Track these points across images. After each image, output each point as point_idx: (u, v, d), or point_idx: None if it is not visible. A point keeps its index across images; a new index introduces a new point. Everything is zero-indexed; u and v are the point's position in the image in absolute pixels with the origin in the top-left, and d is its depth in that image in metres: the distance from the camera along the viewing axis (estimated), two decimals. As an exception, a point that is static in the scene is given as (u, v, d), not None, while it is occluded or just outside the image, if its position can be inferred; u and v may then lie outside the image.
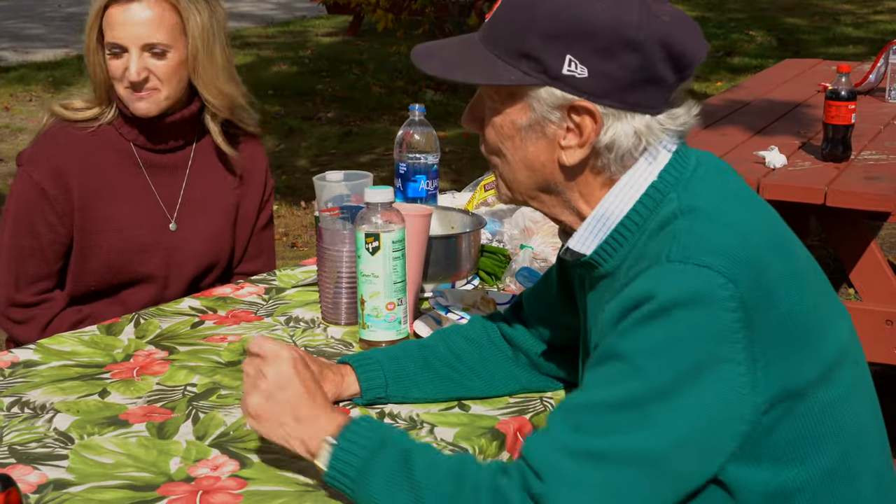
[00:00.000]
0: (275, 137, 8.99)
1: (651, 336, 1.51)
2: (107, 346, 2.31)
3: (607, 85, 1.59)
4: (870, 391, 1.69)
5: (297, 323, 2.43)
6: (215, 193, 2.89)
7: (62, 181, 2.72)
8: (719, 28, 14.43)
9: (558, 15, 1.59)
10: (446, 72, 1.69)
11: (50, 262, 2.77)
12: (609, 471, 1.50)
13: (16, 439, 1.90)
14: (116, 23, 2.64)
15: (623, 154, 1.64)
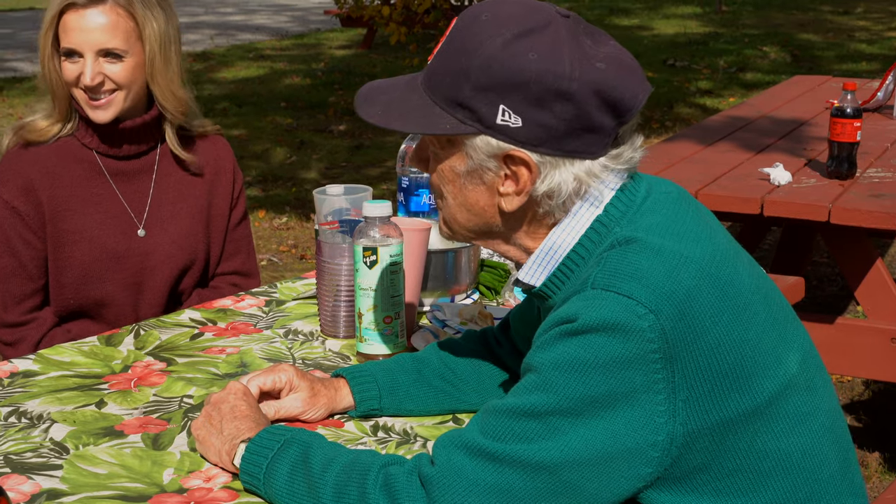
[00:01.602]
0: (286, 149, 9.02)
1: (565, 352, 1.54)
2: (106, 356, 2.32)
3: (542, 134, 1.61)
4: (829, 419, 1.68)
5: (296, 335, 2.44)
6: (184, 196, 2.89)
7: (31, 196, 2.73)
8: (732, 44, 14.44)
9: (490, 65, 1.60)
10: (385, 121, 1.69)
11: (34, 278, 2.77)
12: (504, 473, 1.54)
13: (11, 449, 1.91)
14: (72, 28, 2.64)
15: (564, 200, 1.66)
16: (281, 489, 1.69)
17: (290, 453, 1.71)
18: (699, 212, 1.73)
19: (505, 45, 1.59)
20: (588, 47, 1.61)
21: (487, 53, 1.60)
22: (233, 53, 14.68)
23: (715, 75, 12.21)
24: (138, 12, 2.66)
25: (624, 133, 1.67)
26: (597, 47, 1.63)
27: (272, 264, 6.30)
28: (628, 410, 1.52)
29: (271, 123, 10.08)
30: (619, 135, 1.66)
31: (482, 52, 1.60)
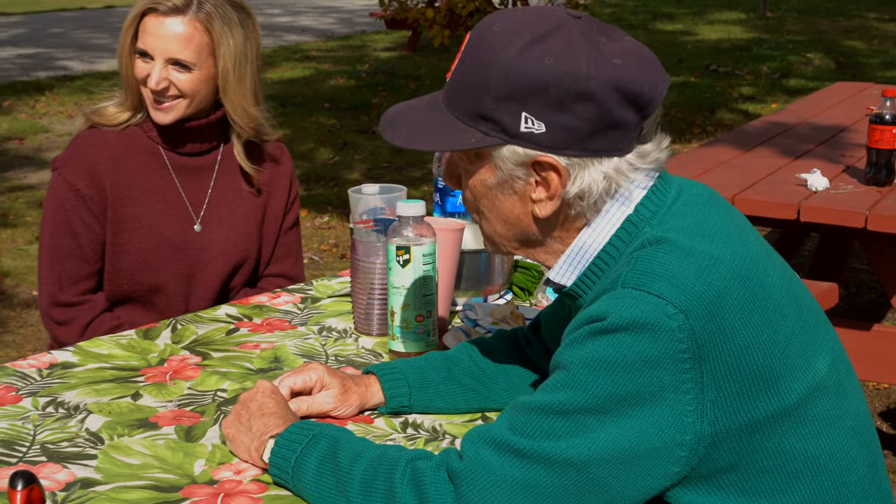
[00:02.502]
0: (329, 149, 9.05)
1: (594, 351, 1.54)
2: (143, 350, 2.34)
3: (567, 137, 1.61)
4: (858, 423, 1.68)
5: (330, 332, 2.45)
6: (241, 196, 2.93)
7: (96, 181, 2.78)
8: (776, 50, 14.34)
9: (508, 75, 1.60)
10: (410, 142, 1.70)
11: (90, 261, 2.81)
12: (531, 469, 1.55)
13: (48, 438, 1.93)
14: (149, 32, 2.70)
15: (595, 199, 1.66)
16: (309, 482, 1.70)
17: (319, 447, 1.72)
18: (730, 213, 1.73)
19: (520, 53, 1.60)
20: (603, 45, 1.62)
21: (503, 63, 1.60)
22: (279, 54, 14.75)
23: (758, 81, 12.14)
24: (215, 29, 2.71)
25: (648, 129, 1.67)
26: (612, 44, 1.63)
27: (313, 263, 6.34)
28: (656, 410, 1.53)
29: (315, 124, 10.12)
30: (644, 130, 1.66)
31: (498, 62, 1.61)
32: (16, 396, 2.10)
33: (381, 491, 1.63)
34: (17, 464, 1.84)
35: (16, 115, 10.71)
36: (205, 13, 2.70)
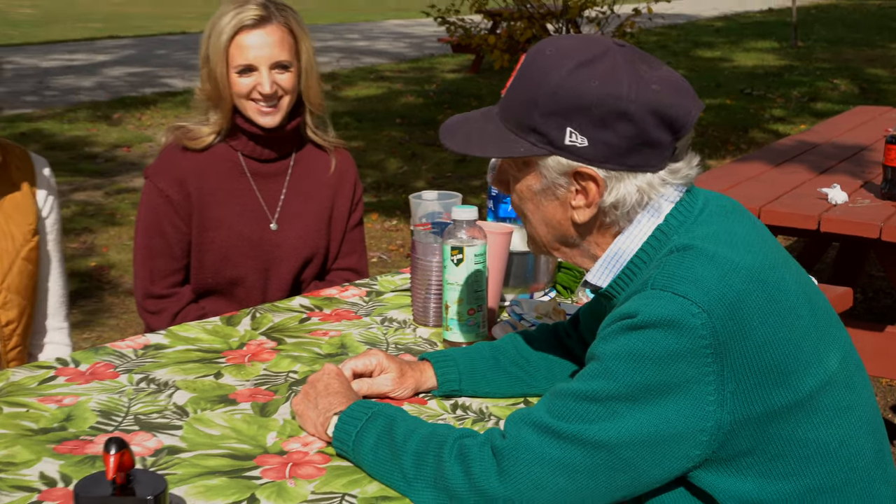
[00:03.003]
0: (398, 160, 9.08)
1: (626, 344, 1.54)
2: (225, 334, 2.37)
3: (606, 152, 1.61)
4: (866, 414, 1.66)
5: (391, 323, 2.47)
6: (311, 198, 2.95)
7: (183, 187, 2.81)
8: (805, 76, 14.19)
9: (557, 93, 1.60)
10: (466, 148, 1.71)
11: (178, 258, 2.85)
12: (566, 449, 1.56)
13: (141, 410, 1.96)
14: (247, 46, 2.72)
15: (629, 210, 1.66)
16: (368, 455, 1.72)
17: (377, 424, 1.74)
18: (752, 223, 1.72)
19: (568, 74, 1.60)
20: (644, 72, 1.62)
21: (554, 82, 1.61)
22: (356, 74, 14.81)
23: (788, 104, 12.02)
24: (296, 30, 2.78)
25: (681, 149, 1.67)
26: (651, 71, 1.63)
27: (381, 261, 6.36)
28: (680, 398, 1.53)
29: (387, 137, 10.15)
30: (677, 150, 1.66)
31: (549, 81, 1.62)
32: (114, 373, 2.14)
33: (431, 464, 1.64)
34: (114, 431, 1.87)
35: (124, 126, 10.84)
36: (284, 18, 2.76)
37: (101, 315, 5.42)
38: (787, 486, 1.57)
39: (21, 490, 1.67)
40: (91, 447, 1.81)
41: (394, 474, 1.67)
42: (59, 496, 1.65)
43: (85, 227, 7.04)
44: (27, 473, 1.72)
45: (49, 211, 2.54)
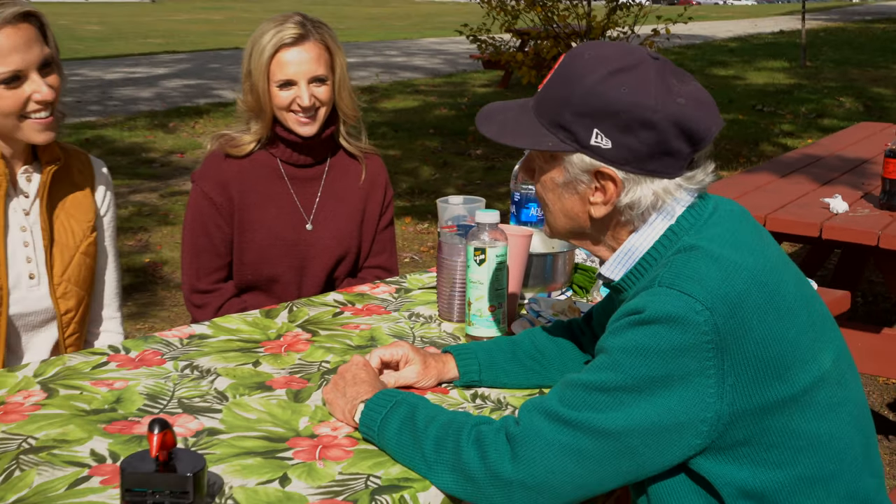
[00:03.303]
0: (431, 168, 9.08)
1: (633, 339, 1.54)
2: (264, 326, 2.38)
3: (628, 155, 1.61)
4: (856, 410, 1.65)
5: (418, 318, 2.47)
6: (344, 200, 2.95)
7: (225, 191, 2.83)
8: (813, 94, 14.09)
9: (588, 96, 1.60)
10: (499, 136, 1.71)
11: (221, 256, 2.86)
12: (576, 436, 1.55)
13: (184, 394, 1.97)
14: (288, 63, 2.74)
15: (643, 210, 1.65)
16: (391, 440, 1.72)
17: (400, 411, 1.74)
18: (756, 228, 1.72)
19: (602, 80, 1.60)
20: (673, 85, 1.61)
21: (587, 86, 1.60)
22: (394, 88, 14.83)
23: (797, 120, 11.93)
24: (331, 45, 2.79)
25: (699, 158, 1.66)
26: (680, 86, 1.62)
27: (413, 261, 6.37)
28: (683, 390, 1.52)
29: (421, 146, 10.15)
30: (695, 159, 1.65)
31: (583, 84, 1.61)
32: (161, 360, 2.15)
33: (449, 449, 1.64)
34: (159, 413, 1.88)
35: (179, 133, 10.92)
36: (320, 35, 2.77)
37: (153, 308, 5.46)
38: (780, 475, 1.57)
39: (73, 465, 1.68)
40: (138, 427, 1.83)
41: (415, 458, 1.68)
42: (108, 471, 1.66)
43: (141, 226, 7.09)
44: (79, 450, 1.73)
45: (106, 209, 2.57)
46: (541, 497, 1.58)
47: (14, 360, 2.38)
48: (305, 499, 1.59)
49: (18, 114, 2.24)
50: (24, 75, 2.22)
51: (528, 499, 1.58)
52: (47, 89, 2.24)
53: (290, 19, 2.76)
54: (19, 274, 2.35)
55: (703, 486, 1.60)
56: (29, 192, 2.39)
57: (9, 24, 2.18)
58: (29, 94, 2.23)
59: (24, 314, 2.36)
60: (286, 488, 1.62)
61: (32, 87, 2.23)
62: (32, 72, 2.23)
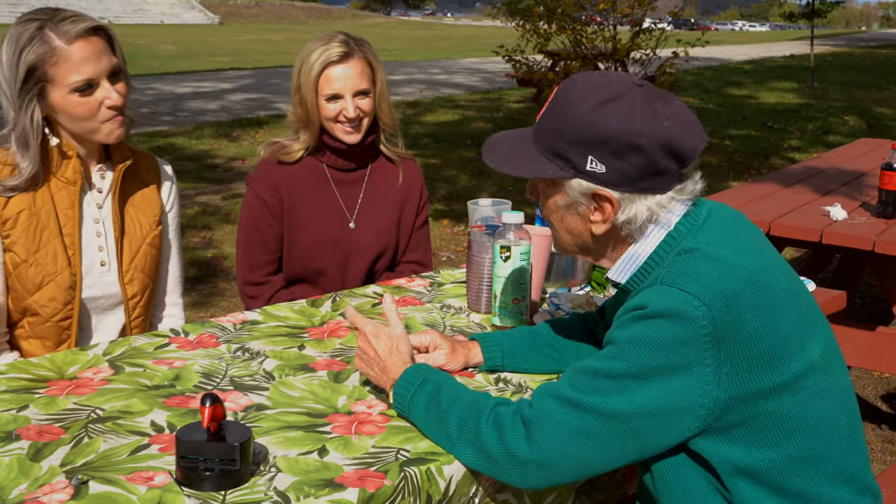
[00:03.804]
0: (468, 176, 9.07)
1: (637, 331, 1.53)
2: (310, 314, 2.38)
3: (621, 178, 1.60)
4: (842, 395, 1.63)
5: (449, 309, 2.47)
6: (384, 201, 2.95)
7: (276, 192, 2.84)
8: (820, 112, 13.95)
9: (581, 126, 1.59)
10: (503, 167, 1.69)
11: (272, 251, 2.87)
12: (584, 418, 1.55)
13: (236, 374, 1.99)
14: (335, 78, 2.75)
15: (640, 224, 1.64)
16: (420, 417, 1.72)
17: (427, 390, 1.74)
18: (751, 230, 1.70)
19: (592, 111, 1.59)
20: (658, 108, 1.59)
21: (579, 116, 1.59)
22: (436, 103, 14.85)
23: (804, 136, 11.82)
24: (372, 61, 2.79)
25: (687, 173, 1.65)
26: (665, 107, 1.60)
27: (450, 260, 6.37)
28: (683, 378, 1.51)
29: (459, 156, 10.15)
30: (683, 174, 1.64)
31: (575, 115, 1.60)
32: (216, 342, 2.17)
33: (471, 428, 1.64)
34: (213, 390, 1.90)
35: (241, 142, 10.99)
36: (362, 52, 2.77)
37: (214, 298, 5.50)
38: (772, 454, 1.55)
39: (135, 434, 1.70)
40: (194, 402, 1.84)
41: (440, 435, 1.68)
42: (165, 440, 1.68)
43: (205, 224, 7.14)
44: (141, 421, 1.75)
45: (171, 206, 2.59)
46: (552, 474, 1.58)
47: (86, 339, 2.41)
48: (341, 468, 1.60)
49: (92, 118, 2.27)
50: (95, 83, 2.25)
51: (541, 476, 1.58)
52: (117, 95, 2.27)
53: (335, 38, 2.77)
54: (92, 261, 2.38)
55: (702, 464, 1.59)
56: (102, 188, 2.42)
57: (81, 37, 2.21)
58: (101, 100, 2.26)
59: (95, 298, 2.39)
60: (324, 459, 1.63)
61: (103, 93, 2.26)
62: (103, 80, 2.26)
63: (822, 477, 1.58)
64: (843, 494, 1.60)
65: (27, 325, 2.36)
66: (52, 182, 2.33)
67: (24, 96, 2.21)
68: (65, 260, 2.32)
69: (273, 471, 1.58)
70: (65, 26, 2.20)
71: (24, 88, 2.21)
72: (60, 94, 2.22)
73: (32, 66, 2.19)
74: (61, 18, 2.21)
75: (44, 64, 2.20)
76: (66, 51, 2.20)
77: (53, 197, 2.32)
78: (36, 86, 2.21)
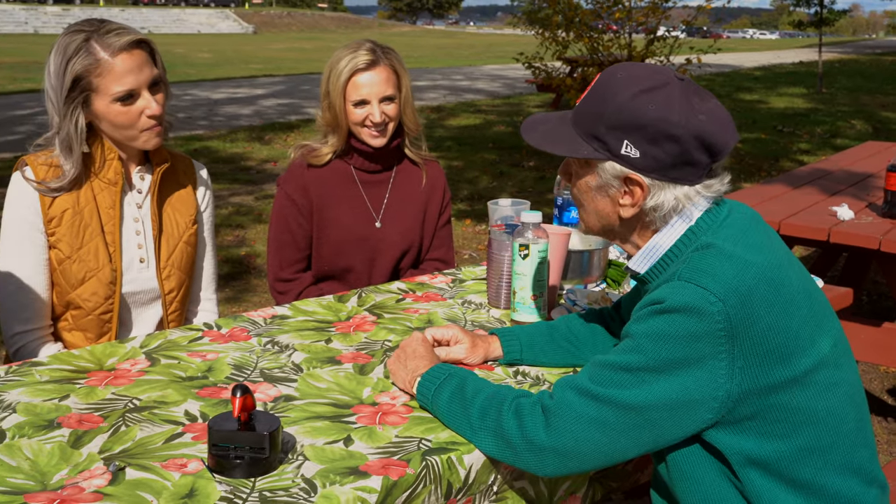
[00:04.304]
0: (489, 177, 9.05)
1: (654, 325, 1.51)
2: (336, 309, 2.38)
3: (653, 164, 1.58)
4: (851, 390, 1.61)
5: (470, 304, 2.45)
6: (408, 202, 2.94)
7: (306, 193, 2.84)
8: (828, 117, 13.84)
9: (620, 112, 1.58)
10: (541, 144, 1.68)
11: (301, 249, 2.87)
12: (602, 409, 1.53)
13: (265, 366, 1.98)
14: (362, 85, 2.74)
15: (665, 213, 1.63)
16: (443, 408, 1.71)
17: (452, 383, 1.73)
18: (765, 230, 1.68)
19: (633, 98, 1.57)
20: (695, 103, 1.58)
21: (619, 103, 1.58)
22: (459, 107, 14.83)
23: (812, 139, 11.72)
24: (398, 68, 2.78)
25: (716, 169, 1.63)
26: (702, 104, 1.59)
27: (471, 257, 6.35)
28: (697, 371, 1.49)
29: (481, 158, 10.13)
30: (713, 169, 1.62)
31: (616, 101, 1.59)
32: (247, 336, 2.16)
33: (492, 417, 1.63)
34: (243, 381, 1.89)
35: (273, 145, 11.02)
36: (388, 60, 2.76)
37: (247, 293, 5.51)
38: (783, 445, 1.53)
39: (170, 423, 1.70)
40: (226, 393, 1.84)
41: (463, 424, 1.67)
42: (198, 429, 1.68)
43: (238, 224, 7.16)
44: (175, 411, 1.75)
45: (206, 206, 2.59)
46: (570, 462, 1.56)
47: (125, 332, 2.42)
48: (366, 457, 1.59)
49: (132, 126, 2.28)
50: (136, 94, 2.26)
51: (559, 464, 1.57)
52: (156, 105, 2.28)
53: (362, 46, 2.76)
54: (132, 258, 2.39)
55: (715, 454, 1.57)
56: (142, 189, 2.43)
57: (124, 50, 2.22)
58: (141, 109, 2.27)
59: (134, 293, 2.40)
60: (349, 448, 1.62)
61: (144, 103, 2.27)
62: (144, 90, 2.27)
63: (830, 468, 1.56)
64: (850, 485, 1.57)
65: (70, 318, 2.37)
66: (94, 183, 2.34)
67: (69, 104, 2.23)
68: (106, 256, 2.33)
69: (300, 459, 1.58)
70: (109, 39, 2.22)
71: (69, 96, 2.22)
72: (103, 103, 2.24)
73: (78, 76, 2.21)
74: (106, 31, 2.23)
75: (89, 74, 2.21)
76: (111, 63, 2.21)
77: (96, 197, 2.34)
78: (81, 94, 2.23)
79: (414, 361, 1.86)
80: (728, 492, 1.58)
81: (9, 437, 1.63)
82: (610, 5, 10.82)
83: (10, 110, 13.92)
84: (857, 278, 4.71)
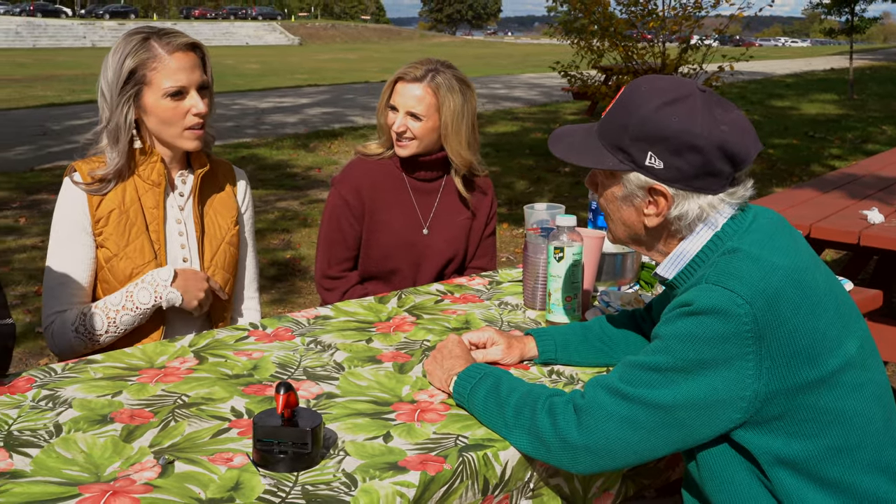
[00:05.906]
0: (526, 182, 9.03)
1: (683, 327, 1.49)
2: (377, 310, 2.39)
3: (677, 175, 1.57)
4: (878, 390, 1.58)
5: (506, 305, 2.45)
6: (456, 211, 2.93)
7: (358, 195, 2.84)
8: (858, 123, 13.63)
9: (644, 124, 1.56)
10: (567, 156, 1.67)
11: (350, 249, 2.88)
12: (632, 408, 1.51)
13: (308, 364, 1.99)
14: (398, 93, 2.76)
15: (690, 222, 1.61)
16: (479, 406, 1.71)
17: (487, 382, 1.73)
18: (791, 233, 1.66)
19: (656, 110, 1.56)
20: (718, 114, 1.56)
21: (643, 115, 1.57)
22: (497, 115, 14.82)
23: (843, 145, 11.56)
24: (441, 93, 2.74)
25: (740, 177, 1.61)
26: (725, 114, 1.57)
27: (508, 260, 6.33)
28: (725, 372, 1.47)
29: (518, 164, 10.12)
30: (736, 178, 1.60)
31: (639, 113, 1.58)
32: (291, 336, 2.17)
33: (527, 416, 1.62)
34: (287, 379, 1.90)
35: (317, 152, 11.08)
36: (435, 82, 2.74)
37: (292, 295, 5.54)
38: (811, 445, 1.51)
39: (216, 419, 1.71)
40: (270, 390, 1.85)
41: (498, 421, 1.66)
42: (244, 425, 1.69)
43: (284, 228, 7.21)
44: (222, 407, 1.76)
45: (246, 208, 2.61)
46: (602, 460, 1.55)
47: (173, 332, 2.44)
48: (404, 453, 1.59)
49: (178, 123, 2.32)
50: (185, 91, 2.30)
51: (591, 461, 1.56)
52: (203, 106, 2.32)
53: (423, 63, 2.77)
54: (175, 257, 2.42)
55: (744, 454, 1.55)
56: (184, 191, 2.45)
57: (180, 49, 2.28)
58: (188, 107, 2.31)
59: (181, 293, 2.42)
60: (389, 444, 1.62)
61: (191, 102, 2.31)
62: (193, 90, 2.31)
63: (858, 467, 1.53)
64: (879, 483, 1.55)
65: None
66: (138, 183, 2.37)
67: (122, 95, 2.28)
68: (151, 253, 2.36)
69: (342, 454, 1.58)
70: (167, 38, 2.29)
71: (123, 89, 2.28)
72: (154, 98, 2.28)
73: (134, 69, 2.27)
74: (165, 33, 2.31)
75: (144, 67, 2.26)
76: (166, 59, 2.27)
77: (140, 197, 2.37)
78: (134, 87, 2.28)
79: (450, 361, 1.86)
80: (758, 491, 1.56)
81: (65, 430, 1.65)
82: (644, 15, 10.76)
83: (69, 120, 14.15)
84: (888, 280, 4.64)
